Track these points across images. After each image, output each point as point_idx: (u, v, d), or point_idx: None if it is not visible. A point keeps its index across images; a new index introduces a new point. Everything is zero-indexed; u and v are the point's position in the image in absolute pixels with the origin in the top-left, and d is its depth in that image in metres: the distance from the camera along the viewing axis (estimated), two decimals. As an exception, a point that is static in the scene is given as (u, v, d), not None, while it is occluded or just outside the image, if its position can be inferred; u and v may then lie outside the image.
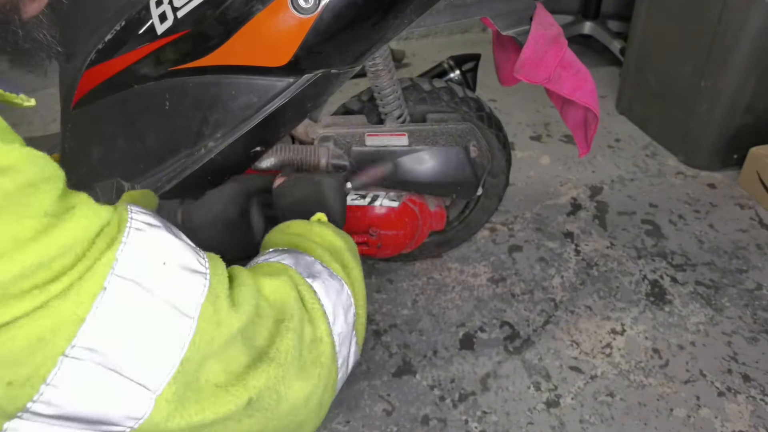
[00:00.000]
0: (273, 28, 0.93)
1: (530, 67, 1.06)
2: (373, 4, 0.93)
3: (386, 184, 1.21)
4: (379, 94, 1.18)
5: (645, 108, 2.03)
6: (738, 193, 1.77)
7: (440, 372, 1.28)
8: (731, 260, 1.54)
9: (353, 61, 0.99)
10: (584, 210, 1.71)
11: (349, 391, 1.23)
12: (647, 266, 1.52)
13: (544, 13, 1.11)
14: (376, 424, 1.18)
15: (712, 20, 1.65)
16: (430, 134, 1.20)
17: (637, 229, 1.64)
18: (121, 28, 0.96)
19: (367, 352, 1.31)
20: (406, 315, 1.40)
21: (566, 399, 1.22)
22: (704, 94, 1.74)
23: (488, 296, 1.44)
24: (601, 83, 2.28)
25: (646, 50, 1.95)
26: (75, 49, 1.00)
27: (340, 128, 1.20)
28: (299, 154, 1.16)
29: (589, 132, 1.19)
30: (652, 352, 1.31)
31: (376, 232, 1.27)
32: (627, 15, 2.12)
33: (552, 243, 1.59)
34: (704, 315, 1.39)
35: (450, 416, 1.19)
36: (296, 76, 0.97)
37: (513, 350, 1.32)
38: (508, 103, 2.19)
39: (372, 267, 1.52)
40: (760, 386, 1.24)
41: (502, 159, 1.35)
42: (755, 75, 1.65)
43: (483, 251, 1.57)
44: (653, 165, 1.89)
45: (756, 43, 1.59)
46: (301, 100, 0.99)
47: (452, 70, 1.36)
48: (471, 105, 1.27)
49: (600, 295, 1.45)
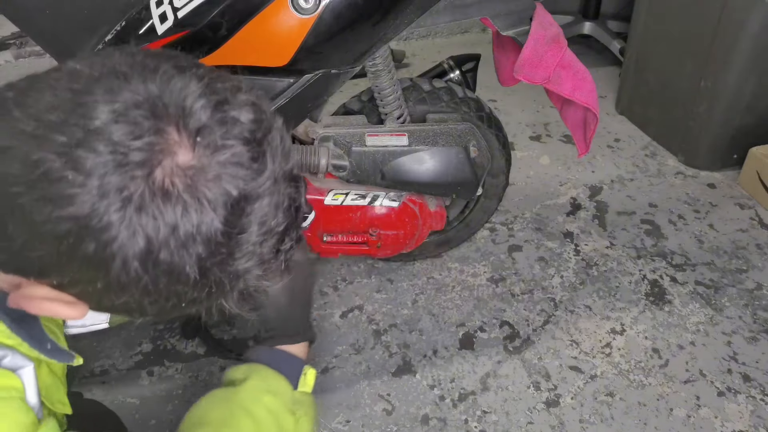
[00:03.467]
0: (273, 28, 0.93)
1: (530, 67, 1.06)
2: (373, 4, 0.94)
3: (386, 184, 1.22)
4: (379, 94, 1.18)
5: (645, 108, 2.03)
6: (738, 193, 1.77)
7: (440, 372, 1.28)
8: (731, 260, 1.54)
9: (353, 61, 0.99)
10: (584, 210, 1.71)
11: (349, 391, 1.24)
12: (647, 266, 1.52)
13: (544, 13, 1.11)
14: (376, 423, 1.18)
15: (712, 20, 1.65)
16: (430, 134, 1.20)
17: (636, 229, 1.64)
18: (122, 28, 0.97)
19: (367, 352, 1.31)
20: (406, 315, 1.40)
21: (566, 399, 1.22)
22: (704, 94, 1.74)
23: (488, 296, 1.44)
24: (601, 83, 2.28)
25: (646, 50, 1.95)
26: (75, 49, 1.00)
27: (340, 128, 1.20)
28: (299, 154, 1.16)
29: (588, 132, 1.19)
30: (651, 352, 1.31)
31: (376, 232, 1.28)
32: (627, 15, 2.11)
33: (552, 243, 1.59)
34: (704, 315, 1.39)
35: (450, 416, 1.19)
36: (296, 76, 0.97)
37: (513, 350, 1.32)
38: (508, 103, 2.19)
39: (372, 267, 1.52)
40: (760, 386, 1.24)
41: (501, 159, 1.35)
42: (755, 75, 1.65)
43: (483, 251, 1.57)
44: (653, 165, 1.90)
45: (756, 43, 1.59)
46: (301, 100, 0.99)
47: (452, 71, 1.36)
48: (471, 105, 1.27)
49: (600, 294, 1.45)
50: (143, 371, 1.27)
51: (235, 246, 0.47)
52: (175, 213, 0.43)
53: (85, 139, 0.41)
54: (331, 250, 1.32)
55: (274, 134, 0.50)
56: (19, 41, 2.12)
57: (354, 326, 1.37)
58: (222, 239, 0.46)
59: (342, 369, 1.28)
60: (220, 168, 0.45)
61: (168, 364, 1.29)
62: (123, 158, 0.42)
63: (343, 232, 1.29)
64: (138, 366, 1.28)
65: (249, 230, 0.47)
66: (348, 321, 1.39)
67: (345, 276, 1.50)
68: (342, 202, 1.22)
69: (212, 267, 0.47)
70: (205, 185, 0.45)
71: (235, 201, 0.46)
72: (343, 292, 1.46)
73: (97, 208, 0.41)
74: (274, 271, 0.53)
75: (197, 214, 0.44)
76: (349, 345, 1.33)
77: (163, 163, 0.43)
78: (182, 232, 0.44)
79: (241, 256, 0.48)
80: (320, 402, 1.21)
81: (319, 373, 1.27)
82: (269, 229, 0.49)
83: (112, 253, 0.43)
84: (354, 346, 1.33)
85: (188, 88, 0.46)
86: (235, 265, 0.48)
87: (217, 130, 0.45)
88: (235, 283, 0.51)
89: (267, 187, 0.48)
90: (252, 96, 0.50)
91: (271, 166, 0.48)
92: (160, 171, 0.43)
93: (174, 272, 0.46)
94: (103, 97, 0.43)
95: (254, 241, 0.48)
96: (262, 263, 0.51)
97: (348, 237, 1.29)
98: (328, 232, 1.28)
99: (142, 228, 0.43)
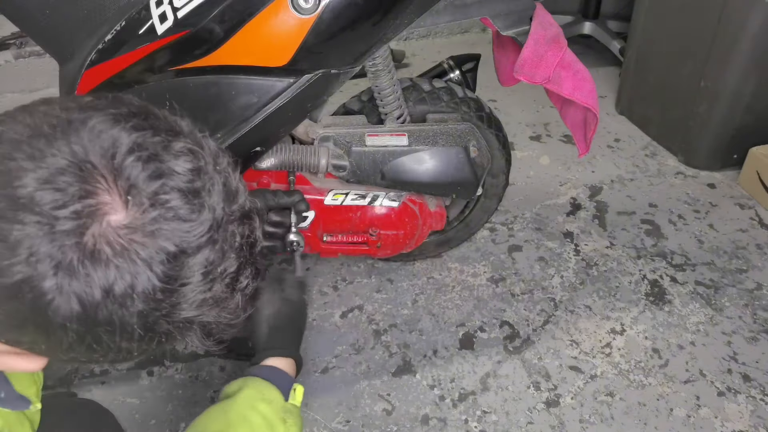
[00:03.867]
0: (273, 28, 0.93)
1: (530, 67, 1.06)
2: (373, 4, 0.94)
3: (386, 184, 1.22)
4: (379, 94, 1.18)
5: (644, 108, 2.03)
6: (738, 193, 1.77)
7: (440, 372, 1.28)
8: (731, 260, 1.54)
9: (353, 61, 0.99)
10: (584, 210, 1.71)
11: (349, 391, 1.24)
12: (647, 266, 1.52)
13: (544, 13, 1.11)
14: (376, 423, 1.18)
15: (712, 20, 1.65)
16: (430, 134, 1.20)
17: (636, 229, 1.64)
18: (121, 28, 0.96)
19: (367, 352, 1.31)
20: (406, 315, 1.40)
21: (566, 399, 1.22)
22: (704, 94, 1.74)
23: (488, 296, 1.44)
24: (601, 83, 2.28)
25: (646, 50, 1.95)
26: (75, 49, 1.00)
27: (340, 128, 1.20)
28: (299, 154, 1.16)
29: (588, 132, 1.19)
30: (651, 352, 1.31)
31: (376, 232, 1.28)
32: (627, 15, 2.11)
33: (552, 243, 1.59)
34: (704, 315, 1.39)
35: (450, 416, 1.19)
36: (296, 76, 0.97)
37: (513, 350, 1.32)
38: (508, 103, 2.19)
39: (372, 267, 1.52)
40: (760, 386, 1.24)
41: (501, 159, 1.35)
42: (755, 75, 1.65)
43: (483, 251, 1.57)
44: (653, 165, 1.89)
45: (756, 43, 1.59)
46: (301, 100, 0.99)
47: (452, 71, 1.36)
48: (471, 105, 1.27)
49: (599, 294, 1.45)
50: (143, 371, 1.27)
51: (179, 298, 0.46)
52: (107, 275, 0.43)
53: (11, 210, 0.41)
54: (331, 250, 1.31)
55: (215, 180, 0.48)
56: (19, 41, 2.12)
57: (354, 326, 1.37)
58: (161, 295, 0.45)
59: (342, 369, 1.28)
60: (155, 224, 0.44)
61: (168, 364, 1.29)
62: (50, 228, 0.41)
63: (343, 232, 1.29)
64: (138, 366, 1.28)
65: (191, 281, 0.46)
66: (348, 321, 1.38)
67: (345, 276, 1.50)
68: (342, 202, 1.22)
69: (157, 320, 0.46)
70: (140, 244, 0.44)
71: (172, 256, 0.45)
72: (343, 292, 1.46)
73: (29, 277, 0.41)
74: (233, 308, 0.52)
75: (130, 274, 0.43)
76: (349, 345, 1.33)
77: (93, 226, 0.42)
78: (117, 293, 0.43)
79: (187, 306, 0.47)
80: (320, 402, 1.21)
81: (319, 373, 1.27)
82: (217, 275, 0.48)
83: (49, 318, 0.43)
84: (354, 346, 1.33)
85: (118, 144, 0.44)
86: (183, 315, 0.47)
87: (149, 185, 0.44)
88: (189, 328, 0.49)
89: (208, 237, 0.46)
90: (190, 142, 0.48)
91: (211, 215, 0.46)
92: (91, 235, 0.42)
93: (116, 330, 0.45)
94: (27, 164, 0.42)
95: (200, 290, 0.47)
96: (215, 305, 0.49)
97: (348, 237, 1.30)
98: (328, 232, 1.28)
99: (75, 293, 0.42)
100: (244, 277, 0.51)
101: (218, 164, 0.49)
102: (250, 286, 0.53)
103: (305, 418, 1.17)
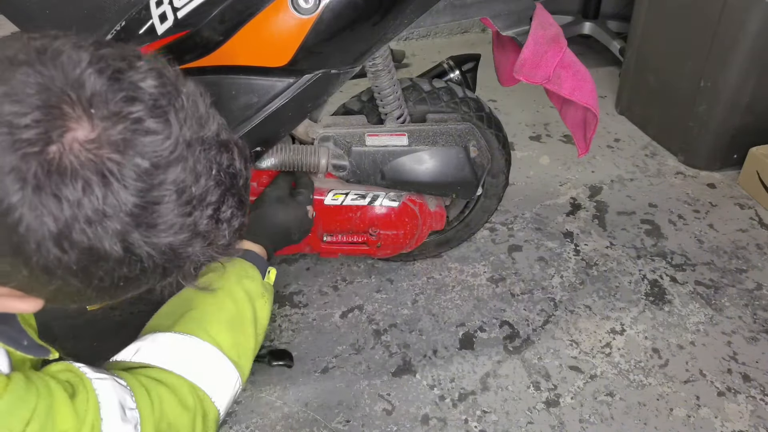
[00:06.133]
0: (273, 28, 0.93)
1: (530, 67, 1.06)
2: (373, 4, 0.94)
3: (386, 184, 1.22)
4: (379, 94, 1.18)
5: (644, 108, 2.03)
6: (738, 193, 1.77)
7: (440, 371, 1.28)
8: (731, 260, 1.54)
9: (353, 61, 0.99)
10: (584, 210, 1.71)
11: (349, 391, 1.24)
12: (647, 266, 1.52)
13: (544, 13, 1.11)
14: (376, 423, 1.18)
15: (712, 20, 1.65)
16: (430, 134, 1.20)
17: (636, 229, 1.64)
18: (121, 28, 0.97)
19: (367, 352, 1.31)
20: (406, 315, 1.40)
21: (566, 399, 1.22)
22: (704, 94, 1.74)
23: (488, 296, 1.44)
24: (601, 83, 2.28)
25: (646, 50, 1.95)
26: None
27: (340, 128, 1.20)
28: (299, 154, 1.16)
29: (588, 132, 1.19)
30: (651, 352, 1.31)
31: (376, 231, 1.28)
32: (627, 15, 2.12)
33: (551, 243, 1.59)
34: (704, 315, 1.39)
35: (450, 416, 1.19)
36: (296, 77, 0.98)
37: (513, 350, 1.32)
38: (508, 103, 2.19)
39: (372, 267, 1.52)
40: (760, 386, 1.24)
41: (501, 159, 1.35)
42: (755, 75, 1.65)
43: (483, 251, 1.57)
44: (653, 165, 1.90)
45: (756, 43, 1.59)
46: (301, 100, 0.99)
47: (452, 71, 1.36)
48: (471, 105, 1.27)
49: (599, 294, 1.45)
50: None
51: (156, 218, 0.46)
52: (75, 189, 0.42)
53: None
54: (331, 250, 1.32)
55: (182, 99, 0.48)
56: (19, 41, 2.12)
57: (354, 326, 1.37)
58: (137, 211, 0.45)
59: (342, 369, 1.28)
60: (121, 137, 0.44)
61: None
62: (11, 136, 0.41)
63: (343, 232, 1.29)
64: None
65: (166, 200, 0.46)
66: (348, 321, 1.39)
67: (345, 276, 1.50)
68: (342, 202, 1.22)
69: (136, 242, 0.46)
70: (107, 158, 0.43)
71: (142, 170, 0.44)
72: (343, 292, 1.46)
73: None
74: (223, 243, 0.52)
75: (101, 188, 0.43)
76: (349, 345, 1.33)
77: (58, 139, 0.42)
78: (89, 209, 0.43)
79: (166, 228, 0.47)
80: (320, 402, 1.21)
81: (319, 373, 1.27)
82: (192, 197, 0.47)
83: (24, 236, 0.42)
84: (354, 346, 1.33)
85: (79, 61, 0.44)
86: (164, 239, 0.47)
87: (112, 97, 0.44)
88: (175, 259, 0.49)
89: (178, 153, 0.46)
90: (157, 64, 0.49)
91: (178, 131, 0.46)
92: (56, 148, 0.42)
93: (94, 250, 0.44)
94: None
95: (178, 212, 0.47)
96: (198, 235, 0.49)
97: (348, 237, 1.30)
98: (328, 232, 1.28)
99: (45, 208, 0.42)
100: (227, 206, 0.51)
101: (184, 86, 0.50)
102: (235, 218, 0.52)
103: (305, 418, 1.18)
